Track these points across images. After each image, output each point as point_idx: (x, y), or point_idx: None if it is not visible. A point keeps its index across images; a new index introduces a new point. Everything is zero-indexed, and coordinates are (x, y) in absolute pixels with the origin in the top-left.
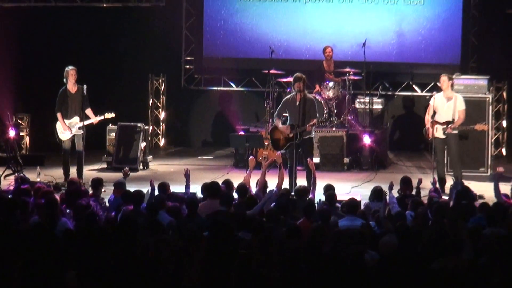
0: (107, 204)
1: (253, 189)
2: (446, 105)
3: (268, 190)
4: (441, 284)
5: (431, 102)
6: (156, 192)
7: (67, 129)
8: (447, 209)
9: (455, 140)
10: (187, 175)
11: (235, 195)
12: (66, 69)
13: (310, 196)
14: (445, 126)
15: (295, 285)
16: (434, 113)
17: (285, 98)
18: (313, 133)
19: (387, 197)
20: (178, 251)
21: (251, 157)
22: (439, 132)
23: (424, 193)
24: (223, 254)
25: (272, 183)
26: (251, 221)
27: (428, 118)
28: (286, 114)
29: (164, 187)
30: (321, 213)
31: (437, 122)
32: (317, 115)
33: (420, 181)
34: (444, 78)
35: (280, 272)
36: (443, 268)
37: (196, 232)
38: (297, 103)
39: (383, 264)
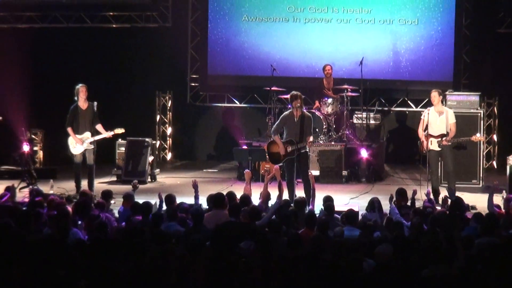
0: (117, 215)
1: (255, 200)
2: (439, 119)
3: (270, 201)
4: None
5: (423, 117)
6: (164, 204)
7: (79, 143)
8: (442, 219)
9: (449, 152)
10: (195, 186)
11: None
12: (77, 86)
13: (310, 207)
14: (439, 139)
15: None
16: (426, 127)
17: (283, 114)
18: (307, 148)
19: (389, 208)
20: (183, 261)
21: (246, 170)
22: (434, 145)
23: (418, 204)
24: (226, 263)
25: (274, 195)
26: (255, 231)
27: (421, 132)
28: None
29: (170, 199)
30: (319, 223)
31: (432, 136)
32: (312, 132)
33: (415, 192)
34: (434, 94)
35: (281, 281)
36: (433, 276)
37: (200, 242)
38: (296, 119)
39: (378, 271)
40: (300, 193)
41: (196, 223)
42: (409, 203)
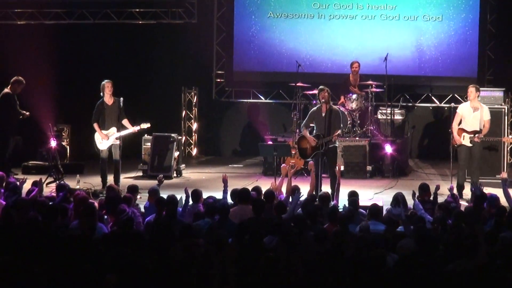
0: (142, 210)
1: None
2: (473, 115)
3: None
4: (456, 286)
5: (458, 111)
6: (190, 200)
7: (105, 138)
8: (466, 214)
9: (479, 149)
10: (225, 181)
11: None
12: (103, 82)
13: (334, 202)
14: (472, 135)
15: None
16: (460, 122)
17: (312, 110)
18: (337, 142)
19: (413, 203)
20: (208, 256)
21: (283, 165)
22: (465, 140)
23: (441, 199)
24: (251, 258)
25: (302, 190)
26: (280, 225)
27: (455, 126)
28: (313, 125)
29: (197, 194)
30: (340, 218)
31: (465, 131)
32: (341, 126)
33: (437, 187)
34: (471, 89)
35: (305, 276)
36: (458, 270)
37: (225, 238)
38: (323, 114)
39: (401, 266)
40: (325, 188)
41: (222, 218)
42: (431, 198)
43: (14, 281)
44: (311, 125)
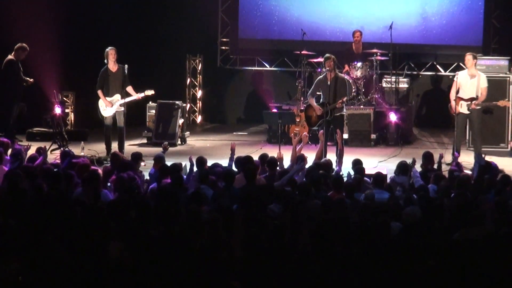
0: (147, 177)
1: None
2: (470, 82)
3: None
4: (463, 254)
5: (455, 79)
6: (194, 167)
7: (109, 105)
8: (470, 182)
9: (477, 116)
10: (233, 149)
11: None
12: (106, 49)
13: (337, 168)
14: (469, 102)
15: (324, 255)
16: (458, 90)
17: (318, 78)
18: (344, 110)
19: (412, 172)
20: (215, 223)
21: (305, 133)
22: (463, 108)
23: (445, 168)
24: (256, 226)
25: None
26: (282, 193)
27: (452, 94)
28: (319, 93)
29: (201, 161)
30: (346, 186)
31: (462, 99)
32: (349, 94)
33: (441, 156)
34: (469, 57)
35: (310, 243)
36: (464, 239)
37: (229, 206)
38: (329, 82)
39: (406, 234)
40: (331, 155)
41: (227, 185)
42: (435, 167)
43: (18, 245)
44: (317, 93)
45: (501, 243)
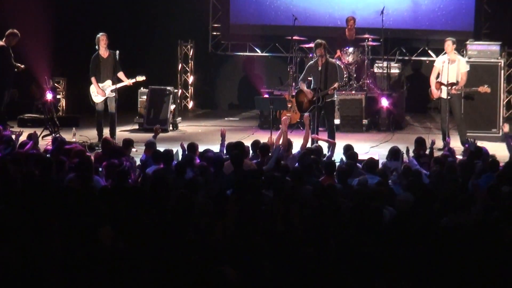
0: (138, 163)
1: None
2: (450, 67)
3: (293, 150)
4: (451, 239)
5: (435, 64)
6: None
7: (101, 92)
8: (458, 167)
9: (458, 101)
10: (223, 135)
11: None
12: (97, 35)
13: (329, 153)
14: (449, 88)
15: (316, 241)
16: (438, 75)
17: (309, 64)
18: (336, 96)
19: (406, 159)
20: (206, 209)
21: (284, 117)
22: (443, 93)
23: (437, 153)
24: (249, 211)
25: (297, 143)
26: (273, 179)
27: (433, 79)
28: (311, 78)
29: (193, 147)
30: (339, 172)
31: (442, 84)
32: (340, 80)
33: (433, 142)
34: (448, 42)
35: (302, 229)
36: (452, 224)
37: (222, 191)
38: (319, 68)
39: (399, 220)
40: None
41: (216, 170)
42: (427, 152)
43: (9, 231)
44: (309, 78)
45: (490, 229)
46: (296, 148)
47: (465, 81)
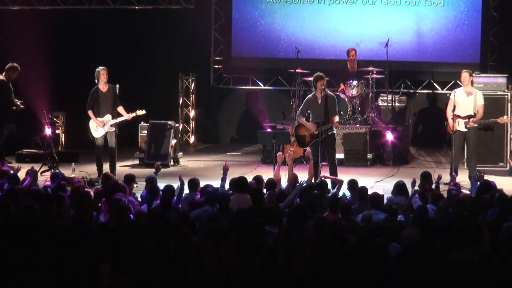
0: (139, 199)
1: (283, 184)
2: (467, 99)
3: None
4: (457, 276)
5: (451, 97)
6: (186, 188)
7: (100, 125)
8: (468, 202)
9: (474, 134)
10: (225, 169)
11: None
12: (97, 69)
13: (334, 190)
14: (466, 120)
15: (319, 278)
16: (454, 107)
17: (307, 98)
18: (335, 129)
19: (409, 192)
20: (207, 246)
21: (279, 153)
22: (460, 126)
23: (443, 188)
24: (252, 248)
25: (301, 178)
26: (277, 214)
27: (449, 112)
28: (309, 112)
29: (194, 183)
30: (341, 207)
31: (459, 116)
32: (338, 111)
33: (440, 177)
34: (465, 74)
35: (306, 265)
36: (458, 260)
37: (225, 228)
38: (319, 101)
39: (404, 256)
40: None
41: (223, 207)
42: (433, 187)
43: (11, 269)
44: (307, 112)
45: (497, 265)
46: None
47: (482, 114)
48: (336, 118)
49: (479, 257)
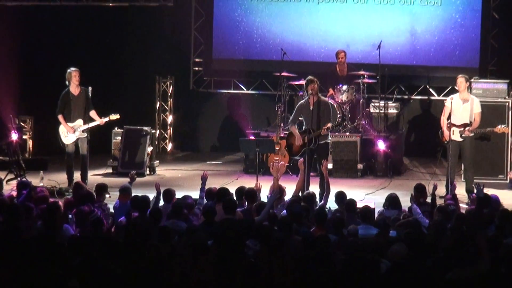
0: (112, 210)
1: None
2: (462, 107)
3: (286, 197)
4: None
5: (447, 104)
6: (161, 200)
7: (71, 131)
8: (467, 217)
9: (471, 143)
10: (204, 178)
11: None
12: (69, 70)
13: (322, 202)
14: (462, 129)
15: None
16: (450, 115)
17: (299, 103)
18: (329, 138)
19: (412, 209)
20: (186, 259)
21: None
22: (455, 135)
23: (439, 201)
24: (231, 262)
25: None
26: (260, 229)
27: (444, 120)
28: (301, 119)
29: (169, 194)
30: (334, 222)
31: (454, 125)
32: (332, 119)
33: (435, 188)
34: (461, 80)
35: (293, 281)
36: (458, 279)
37: (205, 241)
38: (311, 107)
39: (393, 272)
40: (314, 187)
41: (207, 221)
42: (429, 200)
43: None
44: (299, 119)
45: (497, 284)
46: (289, 196)
47: (479, 122)
48: (328, 125)
49: (478, 275)
